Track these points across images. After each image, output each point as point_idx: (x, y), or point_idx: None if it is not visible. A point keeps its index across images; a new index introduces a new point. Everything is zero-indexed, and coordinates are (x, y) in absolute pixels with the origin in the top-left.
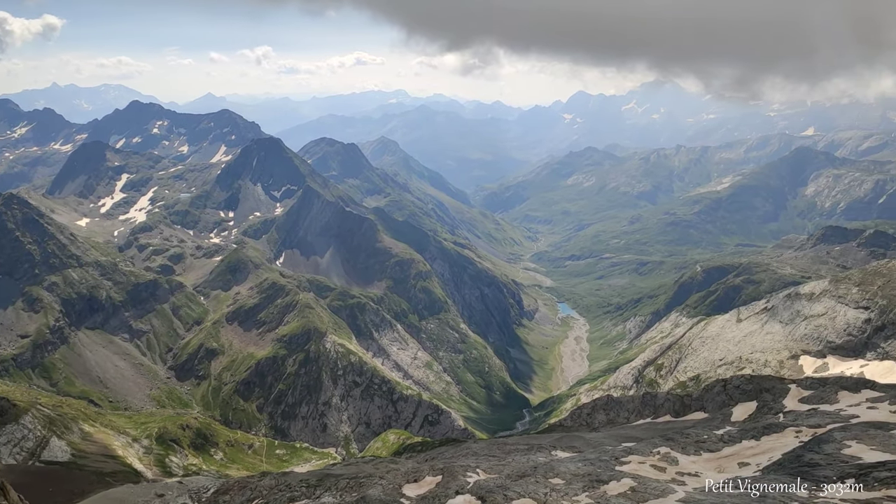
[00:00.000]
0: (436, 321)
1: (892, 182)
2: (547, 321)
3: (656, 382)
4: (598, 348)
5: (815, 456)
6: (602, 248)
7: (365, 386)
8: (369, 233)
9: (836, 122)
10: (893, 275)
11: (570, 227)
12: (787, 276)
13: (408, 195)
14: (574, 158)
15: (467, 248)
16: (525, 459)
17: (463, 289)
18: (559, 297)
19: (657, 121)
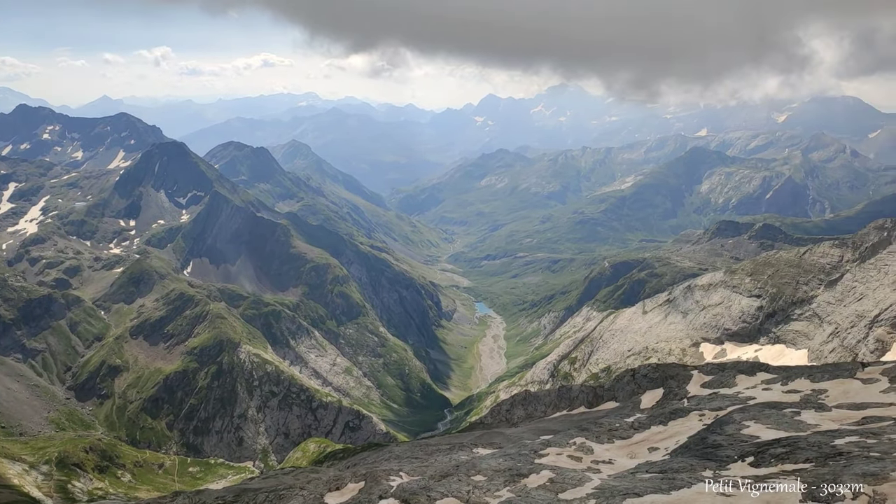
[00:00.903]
0: (354, 326)
1: (777, 178)
2: (465, 321)
3: (571, 375)
4: (514, 345)
5: (717, 437)
6: (516, 247)
7: (282, 395)
8: (283, 238)
9: (726, 123)
10: (781, 265)
11: (484, 227)
12: (687, 269)
13: (322, 199)
14: (487, 160)
15: (384, 251)
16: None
17: (381, 292)
18: (476, 296)
19: (564, 123)
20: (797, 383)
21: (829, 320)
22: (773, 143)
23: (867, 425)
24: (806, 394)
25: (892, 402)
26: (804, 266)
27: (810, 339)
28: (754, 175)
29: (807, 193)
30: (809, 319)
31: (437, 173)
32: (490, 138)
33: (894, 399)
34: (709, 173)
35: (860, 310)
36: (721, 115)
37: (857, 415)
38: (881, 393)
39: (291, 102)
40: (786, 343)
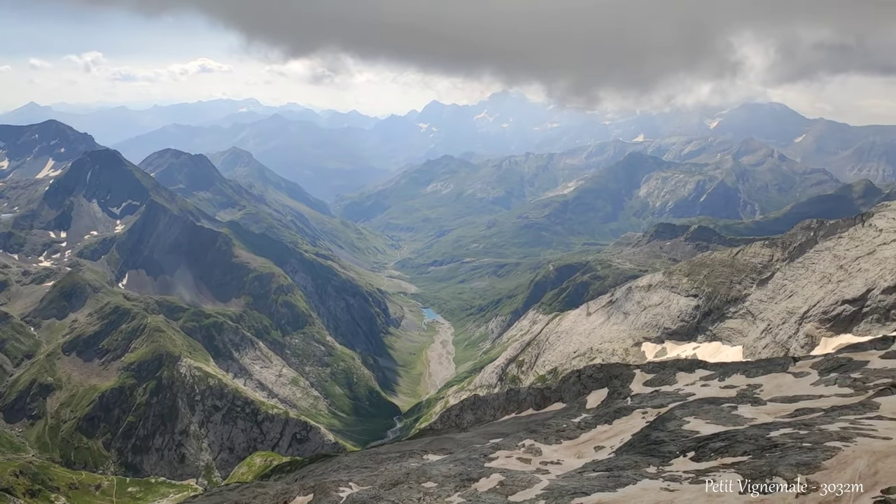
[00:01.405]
0: (300, 335)
1: (710, 182)
2: (413, 327)
3: (519, 378)
4: (463, 350)
5: (660, 434)
6: (463, 252)
7: (226, 409)
8: (224, 248)
9: (661, 129)
10: (716, 265)
11: (431, 233)
12: (628, 271)
13: (265, 207)
14: (432, 166)
15: (330, 258)
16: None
17: (327, 300)
18: (424, 302)
19: (507, 129)
20: (733, 379)
21: (762, 317)
22: (706, 148)
23: (799, 417)
24: (742, 389)
25: (821, 394)
26: (737, 266)
27: (745, 336)
28: (689, 179)
29: (738, 196)
30: (743, 317)
31: (382, 180)
32: (435, 144)
33: (824, 391)
34: (646, 178)
35: (790, 306)
36: (656, 121)
37: (789, 407)
38: (811, 386)
39: (231, 109)
40: (722, 340)
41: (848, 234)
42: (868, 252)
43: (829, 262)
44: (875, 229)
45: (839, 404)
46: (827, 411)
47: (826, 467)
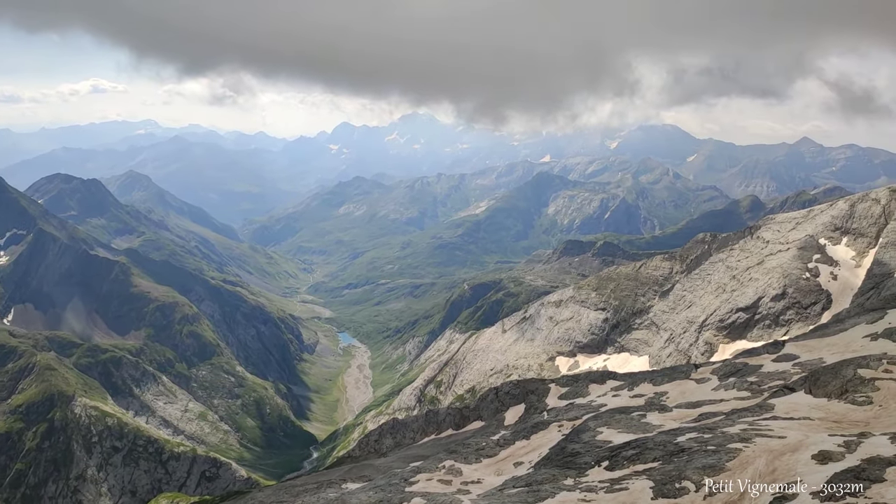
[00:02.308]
0: (208, 367)
1: (613, 200)
2: (329, 353)
3: (437, 399)
4: (380, 373)
5: (575, 446)
6: (378, 274)
7: (127, 450)
8: (122, 277)
9: (566, 150)
10: (621, 279)
11: (345, 256)
12: (540, 287)
13: (166, 233)
14: (344, 188)
15: (239, 285)
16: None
17: (237, 329)
18: (339, 326)
19: (418, 150)
20: (642, 388)
21: (665, 327)
22: (608, 168)
23: (703, 421)
24: (650, 397)
25: (722, 398)
26: (641, 279)
27: (650, 346)
28: (593, 197)
29: (639, 212)
30: (648, 328)
31: (292, 202)
32: (346, 166)
33: (724, 395)
34: (554, 196)
35: (690, 316)
36: (561, 142)
37: (694, 412)
38: (712, 390)
39: (127, 130)
40: (629, 351)
41: (739, 247)
42: (757, 262)
43: (723, 272)
44: (763, 241)
45: (738, 407)
46: (728, 414)
47: (729, 468)
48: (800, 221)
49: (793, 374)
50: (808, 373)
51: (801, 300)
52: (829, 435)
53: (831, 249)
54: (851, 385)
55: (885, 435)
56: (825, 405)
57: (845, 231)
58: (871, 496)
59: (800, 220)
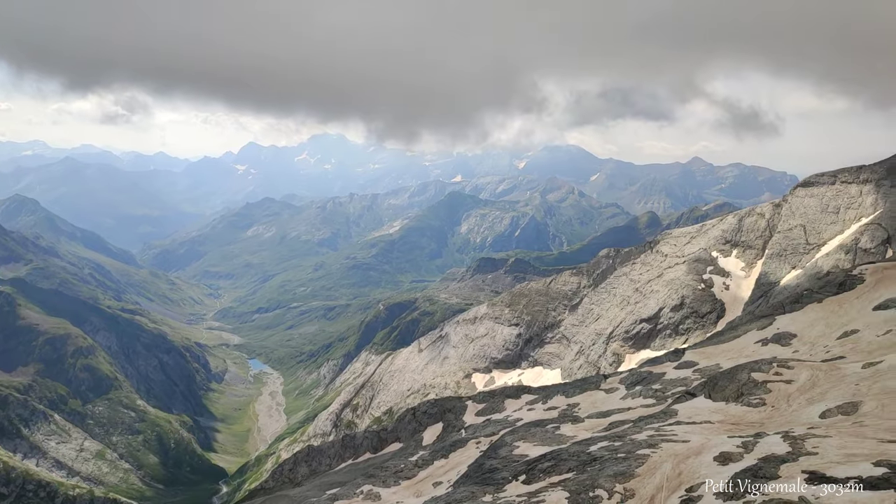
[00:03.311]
0: (105, 402)
1: (523, 218)
2: (238, 381)
3: (354, 423)
4: (294, 400)
5: (493, 461)
6: (289, 297)
7: (14, 497)
8: (6, 309)
9: (476, 170)
10: (533, 294)
11: (254, 279)
12: (455, 305)
13: (56, 260)
14: (252, 210)
15: (139, 313)
16: None
17: (137, 360)
18: (250, 353)
19: (330, 171)
20: (555, 400)
21: (575, 340)
22: (517, 187)
23: (613, 430)
24: (563, 409)
25: (629, 406)
26: (551, 294)
27: (562, 359)
28: (504, 215)
29: (548, 230)
30: (560, 341)
31: (196, 225)
32: (254, 187)
33: (631, 403)
34: (466, 215)
35: (598, 328)
36: (471, 162)
37: (604, 422)
38: (621, 399)
39: (13, 151)
40: (543, 365)
41: (640, 260)
42: (657, 275)
43: (627, 285)
44: (661, 255)
45: (645, 414)
46: (635, 422)
47: (639, 474)
48: (694, 236)
49: (693, 381)
50: (706, 378)
51: (697, 310)
52: (728, 437)
53: (723, 261)
54: (746, 388)
55: (778, 434)
56: (723, 408)
57: (735, 244)
58: (768, 492)
59: (694, 234)
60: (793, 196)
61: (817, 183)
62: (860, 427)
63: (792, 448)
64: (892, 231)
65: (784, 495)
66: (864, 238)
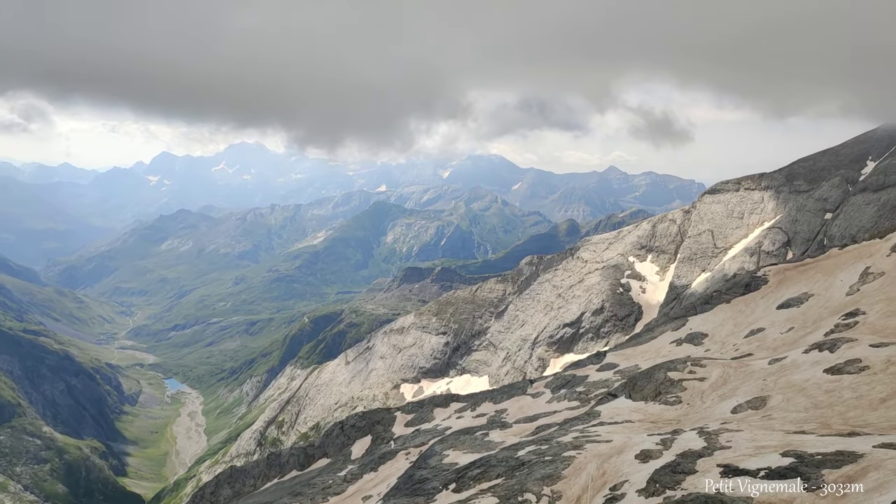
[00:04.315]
0: (7, 431)
1: (448, 227)
2: (154, 402)
3: (280, 440)
4: (215, 419)
5: (423, 472)
6: (209, 313)
7: None
8: None
9: (401, 179)
10: (459, 302)
11: (170, 295)
12: (382, 316)
13: None
14: (166, 222)
15: (43, 334)
16: None
17: (42, 384)
18: (166, 372)
19: (249, 181)
20: (483, 407)
21: (502, 346)
22: (442, 196)
23: (540, 434)
24: (491, 415)
25: (555, 409)
26: (477, 301)
27: (489, 366)
28: (429, 225)
29: (473, 238)
30: (487, 348)
31: (106, 239)
32: (168, 198)
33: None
34: (392, 225)
35: (523, 334)
36: (396, 171)
37: (531, 426)
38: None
39: None
40: (471, 372)
41: (562, 267)
42: (579, 281)
43: (550, 291)
44: (582, 261)
45: (570, 416)
46: (561, 424)
47: (565, 476)
48: (612, 242)
49: (614, 382)
50: (627, 379)
51: (617, 313)
52: (648, 435)
53: (639, 266)
54: (663, 387)
55: (694, 430)
56: (643, 407)
57: (650, 249)
58: (686, 487)
59: (612, 240)
60: (701, 203)
61: (723, 190)
62: (768, 420)
63: (707, 443)
64: (792, 234)
65: (701, 489)
66: (766, 241)
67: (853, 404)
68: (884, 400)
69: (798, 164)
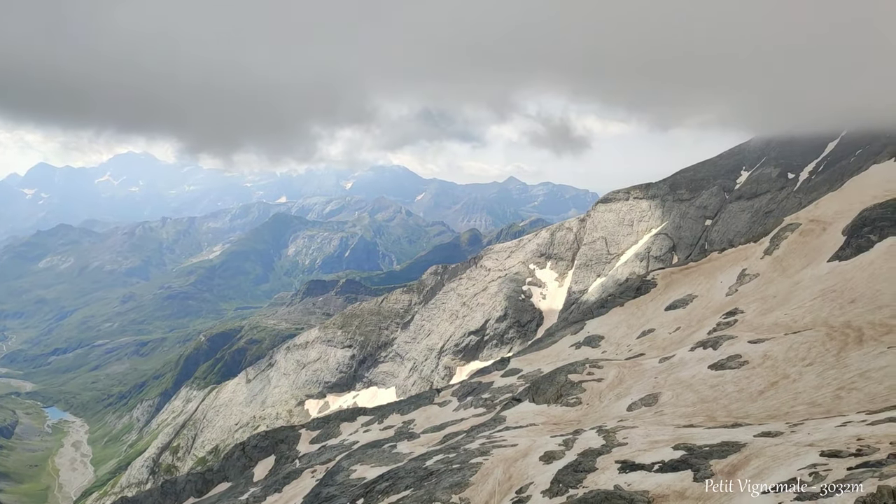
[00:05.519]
0: None
1: (352, 238)
2: (33, 433)
3: (175, 467)
4: (103, 448)
5: (330, 489)
6: (93, 334)
7: None
8: None
9: (302, 190)
10: (365, 314)
11: (49, 317)
12: (285, 331)
13: None
14: (45, 238)
15: None
16: None
17: None
18: (46, 400)
19: (138, 193)
20: (391, 419)
21: (409, 357)
22: (345, 207)
23: (448, 442)
24: (399, 427)
25: (462, 417)
26: (383, 313)
27: (396, 377)
28: (333, 236)
29: (377, 249)
30: (393, 360)
31: None
32: (46, 213)
33: (463, 414)
34: (294, 237)
35: (430, 344)
36: (297, 183)
37: (439, 435)
38: (454, 411)
39: None
40: (377, 384)
41: (466, 275)
42: (483, 289)
43: (455, 300)
44: (485, 269)
45: (477, 423)
46: (468, 432)
47: (473, 483)
48: (513, 250)
49: (518, 386)
50: (530, 384)
51: (519, 319)
52: (551, 437)
53: (539, 273)
54: (564, 389)
55: (594, 429)
56: (546, 410)
57: (549, 256)
58: (587, 484)
59: (513, 249)
60: (595, 211)
61: (614, 199)
62: (660, 416)
63: (606, 441)
64: (677, 240)
65: (601, 486)
66: (654, 247)
67: (735, 397)
68: (762, 392)
69: (681, 175)
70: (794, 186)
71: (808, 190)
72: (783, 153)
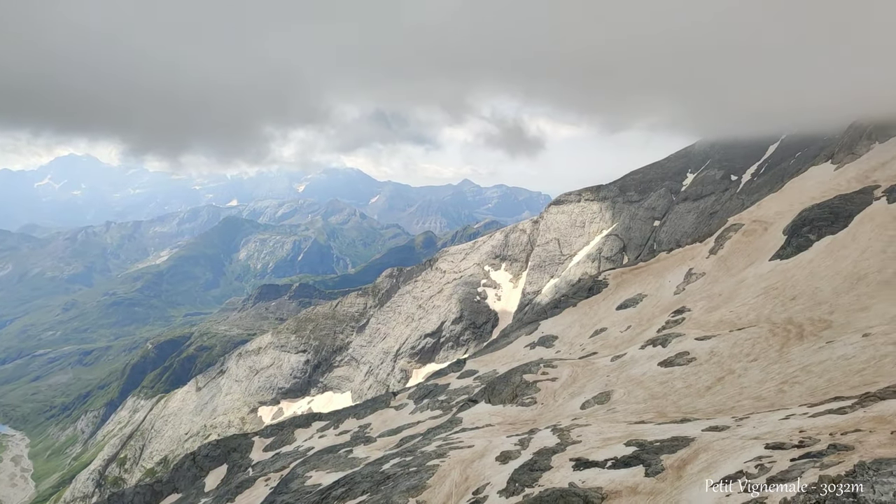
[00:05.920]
0: None
1: (305, 241)
2: None
3: (122, 479)
4: (45, 463)
5: (284, 497)
6: (34, 344)
7: None
8: None
9: (254, 193)
10: (319, 319)
11: None
12: (236, 337)
13: None
14: None
15: None
16: None
17: None
18: None
19: (80, 197)
20: (347, 423)
21: (364, 361)
22: (298, 210)
23: (404, 445)
24: (355, 431)
25: (419, 420)
26: (338, 316)
27: (352, 381)
28: (286, 240)
29: (332, 252)
30: (349, 363)
31: None
32: None
33: (420, 417)
34: (245, 241)
35: (386, 347)
36: (248, 185)
37: (395, 439)
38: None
39: None
40: (333, 389)
41: (422, 278)
42: (438, 291)
43: (411, 303)
44: (441, 271)
45: (433, 425)
46: (425, 434)
47: (430, 485)
48: (468, 252)
49: (475, 388)
50: (486, 385)
51: (475, 321)
52: (507, 437)
53: (494, 274)
54: (520, 390)
55: (549, 428)
56: (502, 411)
57: (503, 258)
58: (543, 483)
59: (468, 251)
60: (547, 213)
61: (566, 201)
62: (613, 413)
63: (560, 439)
64: (627, 240)
65: (556, 484)
66: (605, 248)
67: (684, 393)
68: (709, 387)
69: (630, 177)
70: (737, 188)
71: (750, 191)
72: (727, 155)
